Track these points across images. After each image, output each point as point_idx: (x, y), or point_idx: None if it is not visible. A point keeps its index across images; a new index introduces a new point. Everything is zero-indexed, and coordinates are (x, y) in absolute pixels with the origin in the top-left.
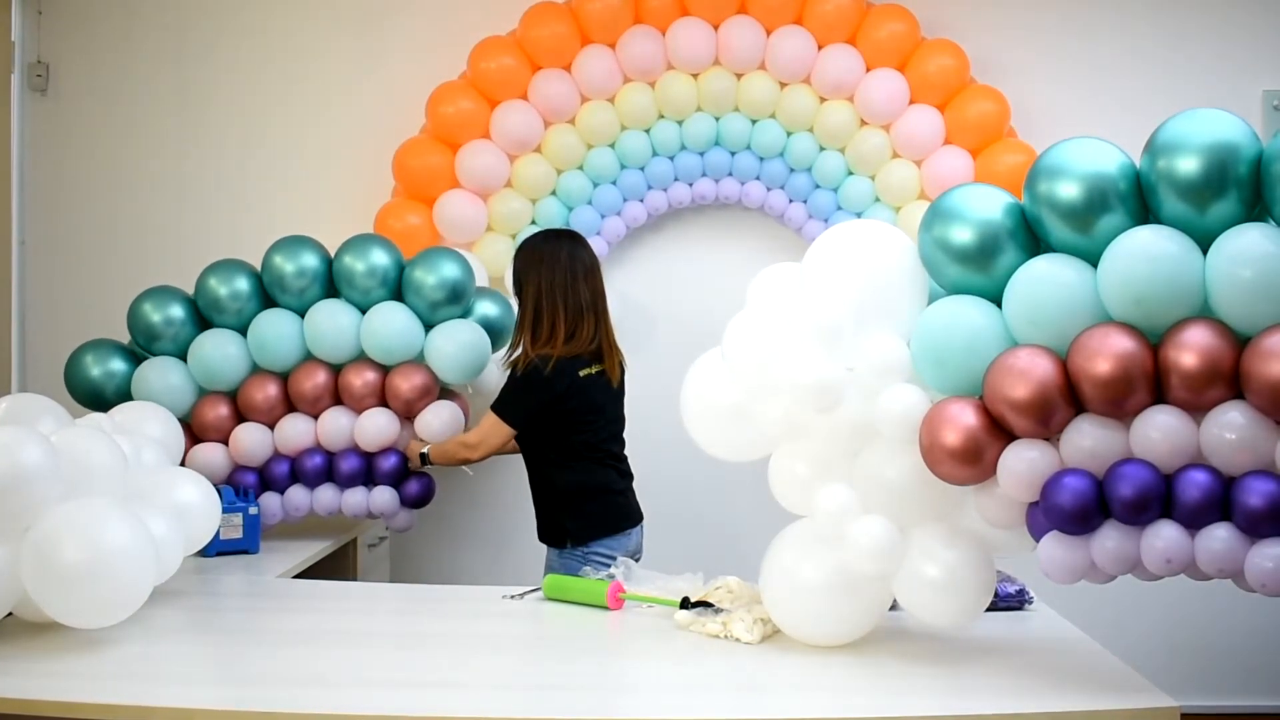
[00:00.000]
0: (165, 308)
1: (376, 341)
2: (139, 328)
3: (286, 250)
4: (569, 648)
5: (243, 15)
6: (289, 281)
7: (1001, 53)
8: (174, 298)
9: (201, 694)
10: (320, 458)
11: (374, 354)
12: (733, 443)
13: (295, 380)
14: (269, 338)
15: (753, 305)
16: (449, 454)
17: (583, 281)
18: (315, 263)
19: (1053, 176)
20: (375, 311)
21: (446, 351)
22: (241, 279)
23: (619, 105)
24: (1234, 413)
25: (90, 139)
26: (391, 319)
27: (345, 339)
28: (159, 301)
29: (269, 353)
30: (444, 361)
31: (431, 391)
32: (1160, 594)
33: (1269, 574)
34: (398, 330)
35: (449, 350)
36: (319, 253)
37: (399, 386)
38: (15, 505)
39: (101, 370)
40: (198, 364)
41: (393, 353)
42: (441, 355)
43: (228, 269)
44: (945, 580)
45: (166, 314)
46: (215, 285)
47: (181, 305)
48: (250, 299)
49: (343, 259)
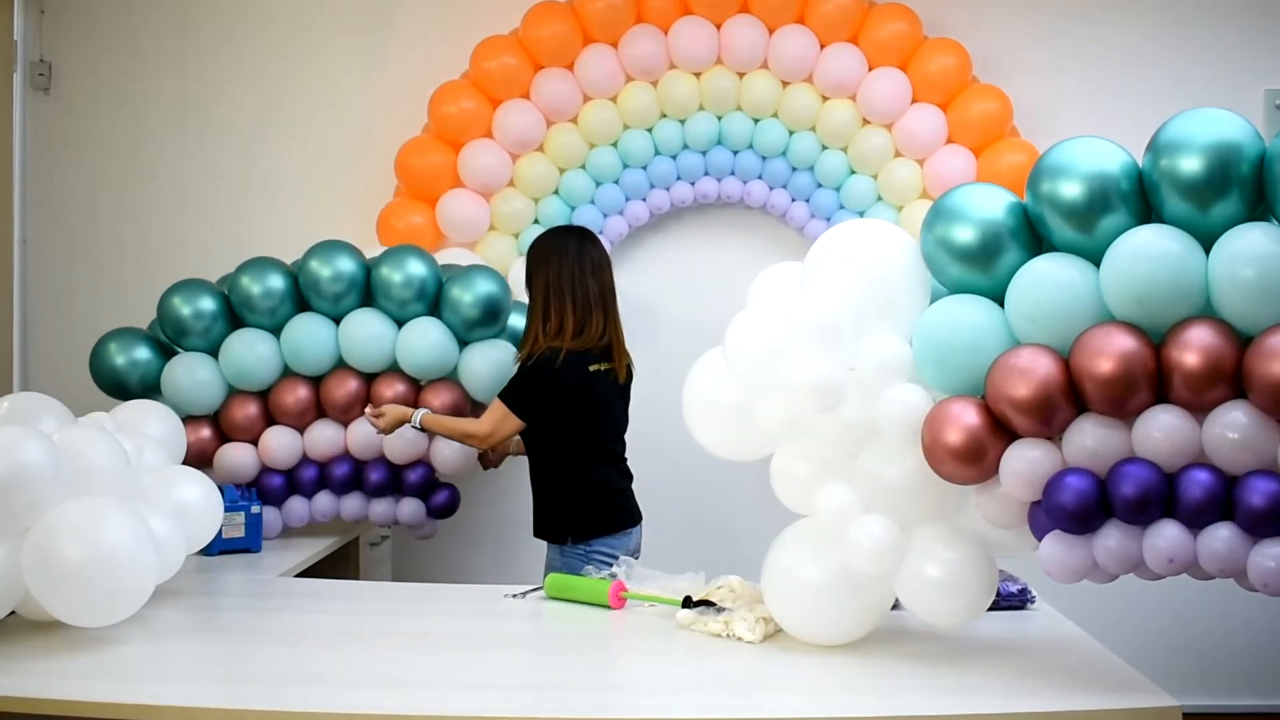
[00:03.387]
0: (196, 301)
1: (412, 357)
2: (169, 320)
3: (323, 254)
4: (571, 647)
5: (245, 14)
6: (324, 286)
7: (1004, 52)
8: (205, 291)
9: (203, 693)
10: (348, 466)
11: (409, 369)
12: (734, 442)
13: (327, 387)
14: (303, 341)
15: (754, 304)
16: (448, 430)
17: (591, 276)
18: (352, 268)
19: (1055, 176)
20: (411, 326)
21: (480, 371)
22: (276, 278)
23: (621, 104)
24: (1236, 412)
25: (92, 138)
26: (427, 335)
27: (380, 349)
28: (189, 295)
29: (302, 357)
30: (476, 380)
31: (463, 410)
32: (1162, 594)
33: (1271, 573)
34: (433, 347)
35: (482, 369)
36: (356, 258)
37: (430, 403)
38: (17, 504)
39: (126, 359)
40: (228, 362)
41: (427, 369)
42: (474, 373)
43: (261, 267)
44: (947, 580)
45: (197, 308)
46: (249, 283)
47: (213, 300)
48: (284, 300)
49: (380, 269)
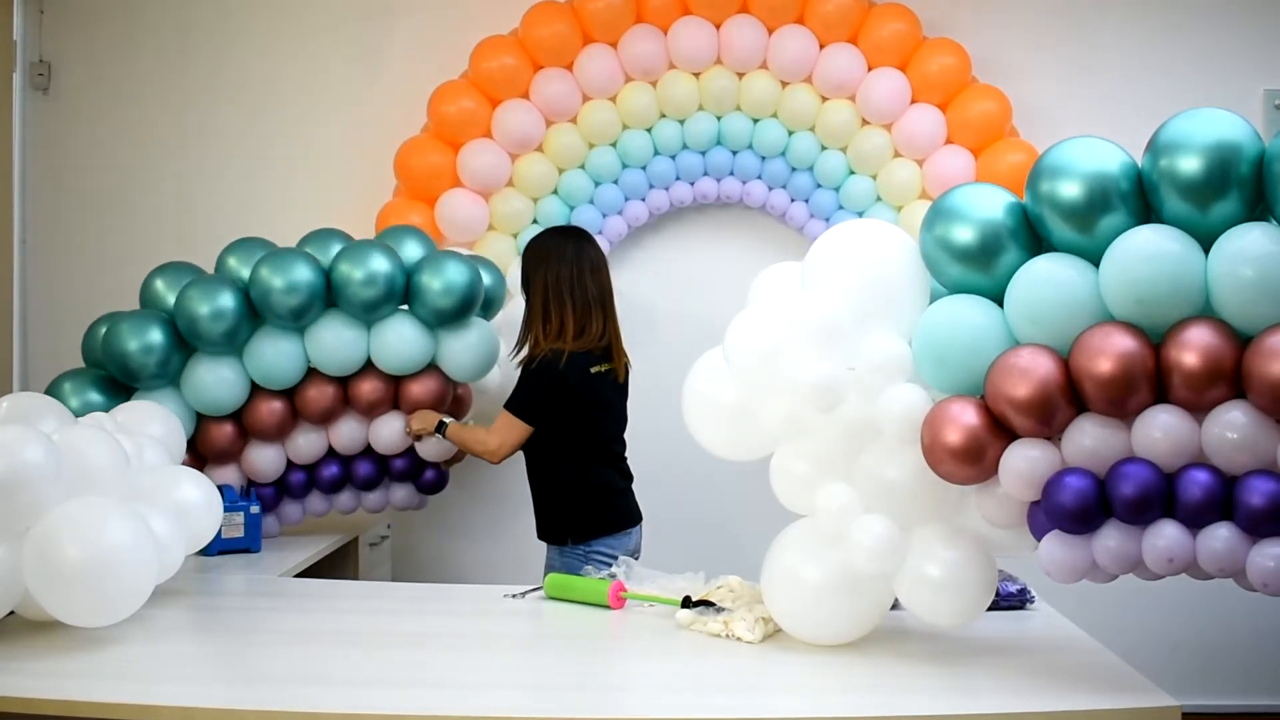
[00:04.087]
0: (143, 334)
1: (387, 357)
2: (112, 359)
3: (275, 263)
4: (570, 647)
5: (244, 14)
6: (277, 299)
7: (1003, 52)
8: (153, 322)
9: (203, 693)
10: (336, 466)
11: (385, 368)
12: (734, 442)
13: (301, 397)
14: (269, 359)
15: (754, 304)
16: (467, 439)
17: (590, 277)
18: (310, 276)
19: (1054, 176)
20: (383, 327)
21: (455, 350)
22: (226, 296)
23: (620, 104)
24: (1235, 412)
25: (92, 138)
26: (401, 333)
27: (352, 354)
28: (136, 327)
29: (271, 375)
30: (455, 362)
31: (445, 395)
32: (1161, 594)
33: (1270, 573)
34: (407, 345)
35: (458, 347)
36: (312, 265)
37: (412, 392)
38: (17, 504)
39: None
40: (194, 392)
41: (404, 366)
42: (452, 355)
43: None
44: (946, 580)
45: (145, 341)
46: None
47: (162, 331)
48: (241, 318)
49: (339, 267)
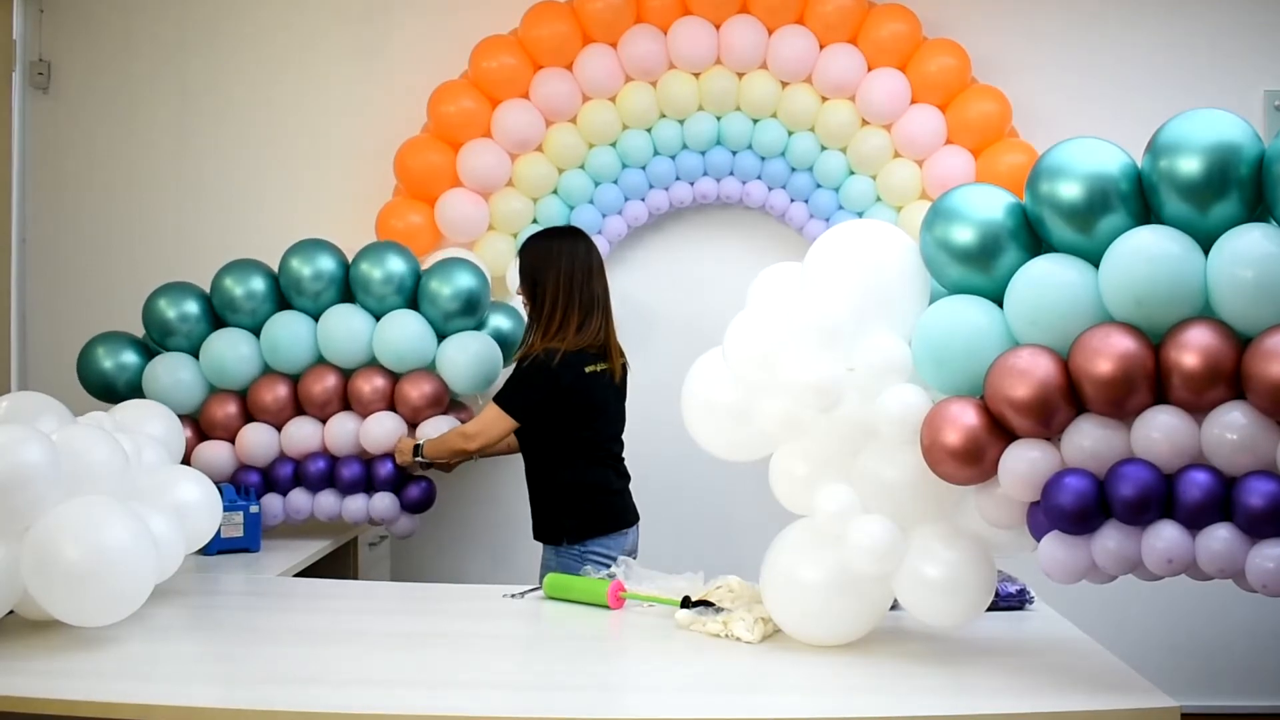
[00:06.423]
0: (180, 304)
1: (389, 348)
2: (153, 322)
3: (303, 253)
4: (569, 647)
5: (244, 14)
6: (305, 285)
7: (1003, 53)
8: (189, 294)
9: (202, 692)
10: (324, 462)
11: (386, 360)
12: (733, 442)
13: (305, 383)
14: (282, 339)
15: (753, 304)
16: (446, 444)
17: (595, 278)
18: (332, 267)
19: (1054, 176)
20: (389, 318)
21: (458, 361)
22: (257, 279)
23: (620, 104)
24: (1235, 413)
25: (91, 137)
26: (405, 326)
27: (358, 344)
28: (174, 297)
29: (281, 354)
30: (455, 371)
31: (441, 400)
32: (1161, 594)
33: (1269, 574)
34: (411, 338)
35: (460, 360)
36: (336, 257)
37: (409, 394)
38: (16, 503)
39: (113, 362)
40: (209, 361)
41: (405, 360)
42: (453, 365)
43: (244, 269)
44: (946, 580)
45: (181, 310)
46: (231, 284)
47: (197, 302)
48: (265, 300)
49: (359, 265)
